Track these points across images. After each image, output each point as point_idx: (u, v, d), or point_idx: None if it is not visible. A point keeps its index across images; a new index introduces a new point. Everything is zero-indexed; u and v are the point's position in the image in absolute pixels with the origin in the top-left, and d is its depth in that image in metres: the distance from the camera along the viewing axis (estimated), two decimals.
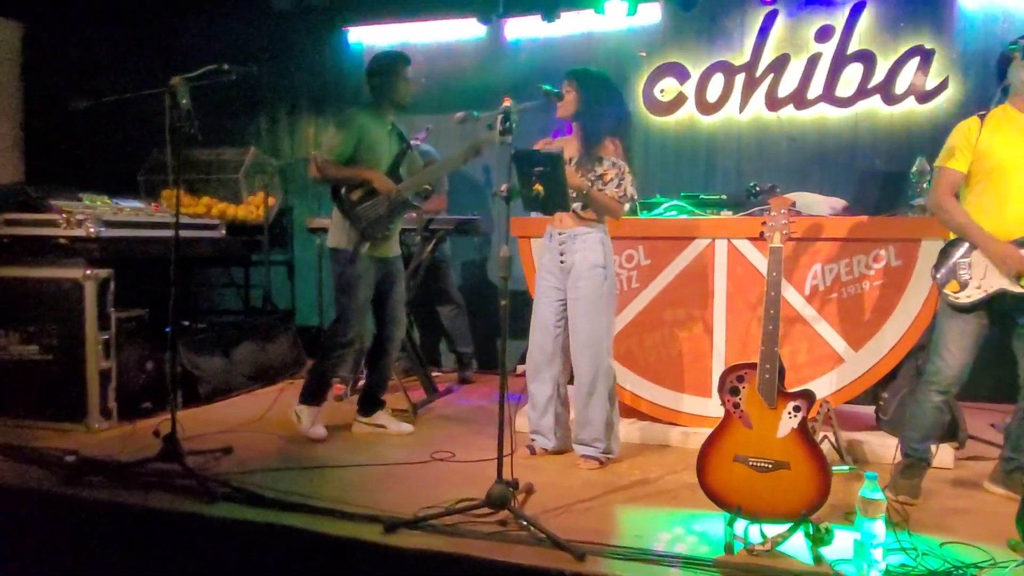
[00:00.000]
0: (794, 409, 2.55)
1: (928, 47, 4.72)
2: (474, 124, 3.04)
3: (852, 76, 4.87)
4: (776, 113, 5.04)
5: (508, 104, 2.81)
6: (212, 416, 4.26)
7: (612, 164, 3.35)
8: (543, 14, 5.19)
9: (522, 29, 5.52)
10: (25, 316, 3.98)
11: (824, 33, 4.90)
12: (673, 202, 4.00)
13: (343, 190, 3.69)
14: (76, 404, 3.92)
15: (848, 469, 3.33)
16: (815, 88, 4.93)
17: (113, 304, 4.02)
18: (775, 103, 5.02)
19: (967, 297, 2.90)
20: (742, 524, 2.58)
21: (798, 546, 2.51)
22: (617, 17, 5.17)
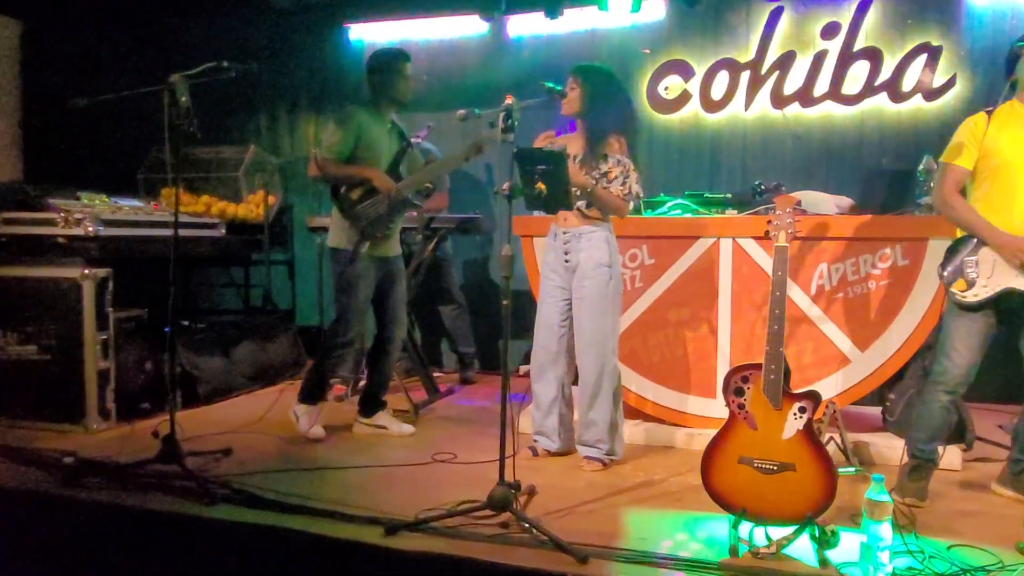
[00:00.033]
0: (799, 410, 2.53)
1: (935, 44, 4.68)
2: (476, 122, 3.00)
3: (858, 73, 4.83)
4: (782, 111, 5.00)
5: (510, 101, 2.79)
6: (212, 417, 4.24)
7: (617, 162, 3.31)
8: (546, 11, 5.16)
9: (525, 26, 5.49)
10: (23, 316, 3.97)
11: (830, 30, 4.86)
12: (677, 201, 3.98)
13: (343, 189, 3.66)
14: (74, 405, 3.90)
15: (854, 471, 3.32)
16: (821, 85, 4.89)
17: (112, 304, 4.00)
18: (780, 101, 4.98)
19: (974, 296, 2.87)
20: (747, 527, 2.56)
21: (804, 549, 2.49)
22: (621, 14, 5.14)
